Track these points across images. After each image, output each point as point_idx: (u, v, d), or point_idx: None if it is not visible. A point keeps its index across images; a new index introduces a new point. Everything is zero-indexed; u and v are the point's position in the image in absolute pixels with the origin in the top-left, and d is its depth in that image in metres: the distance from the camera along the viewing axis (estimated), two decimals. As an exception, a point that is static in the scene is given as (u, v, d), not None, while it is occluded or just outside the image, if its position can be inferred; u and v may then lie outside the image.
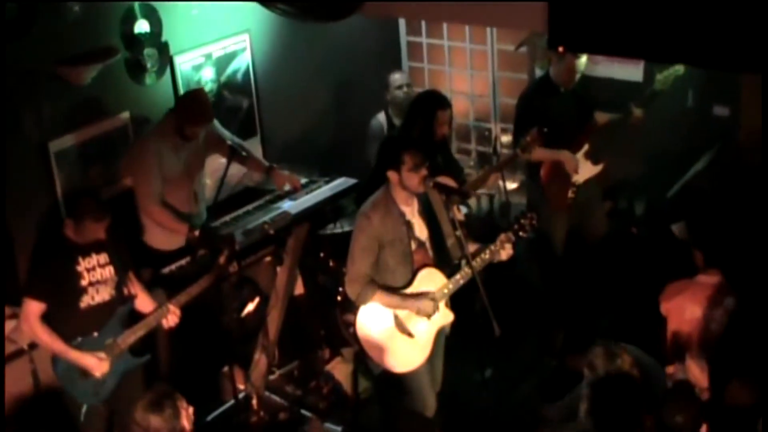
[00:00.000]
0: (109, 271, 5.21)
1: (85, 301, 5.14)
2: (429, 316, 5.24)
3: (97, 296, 5.17)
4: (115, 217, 5.18)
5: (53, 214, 5.88)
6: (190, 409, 4.28)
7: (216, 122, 6.30)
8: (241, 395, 6.16)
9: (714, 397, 4.57)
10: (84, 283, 5.12)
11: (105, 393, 5.23)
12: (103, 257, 5.19)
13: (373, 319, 5.29)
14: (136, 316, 5.35)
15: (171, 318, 5.32)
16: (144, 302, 5.41)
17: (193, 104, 5.96)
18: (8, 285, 5.63)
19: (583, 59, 6.50)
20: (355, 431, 6.10)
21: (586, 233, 6.94)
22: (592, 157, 6.76)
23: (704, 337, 5.02)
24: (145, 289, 5.49)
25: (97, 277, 5.16)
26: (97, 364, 5.14)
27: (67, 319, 5.12)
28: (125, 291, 5.31)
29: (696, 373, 4.65)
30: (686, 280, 5.20)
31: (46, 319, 5.07)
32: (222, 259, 5.38)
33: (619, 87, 7.32)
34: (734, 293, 5.01)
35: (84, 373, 5.15)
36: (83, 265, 5.11)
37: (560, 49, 5.24)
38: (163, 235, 5.97)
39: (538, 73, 7.66)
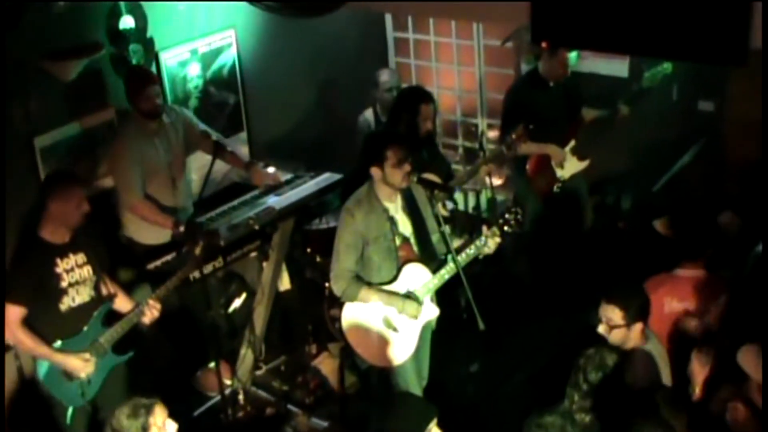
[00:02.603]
0: (87, 271, 5.19)
1: (66, 303, 5.11)
2: (413, 317, 5.26)
3: (77, 297, 5.14)
4: (92, 216, 5.15)
5: (39, 210, 5.86)
6: (171, 426, 4.23)
7: (195, 117, 6.30)
8: (227, 390, 6.16)
9: (707, 397, 4.53)
10: (64, 284, 5.09)
11: (91, 393, 5.21)
12: (81, 257, 5.16)
13: (359, 314, 5.30)
14: (115, 315, 5.32)
15: (151, 312, 5.29)
16: (122, 301, 5.39)
17: (131, 75, 6.02)
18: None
19: (575, 53, 6.51)
20: (341, 426, 6.11)
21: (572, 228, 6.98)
22: (579, 152, 6.79)
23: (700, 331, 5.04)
24: (121, 288, 5.47)
25: (76, 277, 5.13)
26: (83, 365, 5.11)
27: (49, 321, 5.08)
28: (104, 290, 5.29)
29: (696, 368, 4.62)
30: (665, 274, 5.22)
31: (27, 323, 5.02)
32: (197, 251, 5.33)
33: (605, 83, 7.33)
34: (723, 287, 5.02)
35: (68, 375, 5.12)
36: (62, 266, 5.08)
37: (544, 44, 5.26)
38: (148, 229, 5.96)
39: (525, 68, 7.66)
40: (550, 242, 6.96)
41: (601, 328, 4.67)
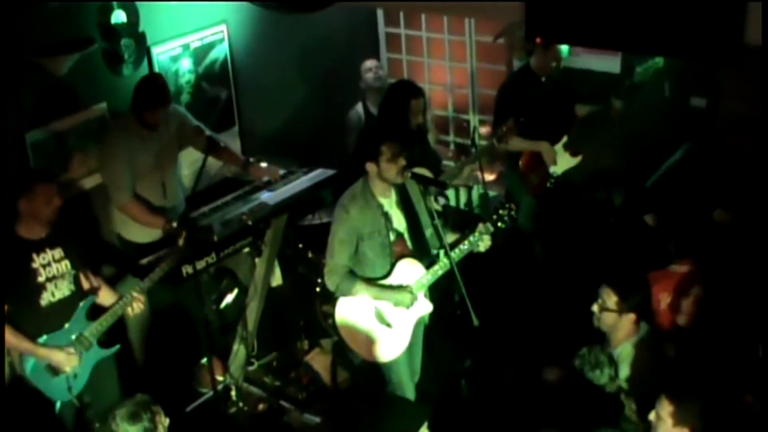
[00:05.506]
0: (65, 266, 5.16)
1: (46, 298, 5.09)
2: (406, 307, 5.26)
3: (57, 292, 5.12)
4: (71, 214, 5.15)
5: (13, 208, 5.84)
6: (166, 421, 4.20)
7: (189, 114, 6.26)
8: (220, 386, 6.16)
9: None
10: (41, 279, 5.07)
11: (78, 388, 5.19)
12: (58, 252, 5.14)
13: (352, 310, 5.30)
14: (100, 309, 5.30)
15: (136, 305, 5.28)
16: (107, 295, 5.37)
17: (147, 89, 5.85)
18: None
19: (566, 48, 6.52)
20: (334, 422, 6.11)
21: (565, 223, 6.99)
22: (571, 148, 6.79)
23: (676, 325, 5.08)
24: (105, 282, 5.45)
25: (53, 272, 5.11)
26: (67, 359, 5.09)
27: (31, 317, 5.07)
28: (86, 285, 5.28)
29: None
30: (659, 270, 5.24)
31: (10, 320, 4.99)
32: (180, 241, 5.31)
33: (597, 78, 7.34)
34: (705, 282, 5.05)
35: (54, 370, 5.10)
36: (38, 261, 5.06)
37: (538, 40, 5.25)
38: (138, 227, 5.93)
39: (517, 64, 7.67)
40: (543, 238, 6.97)
41: (595, 307, 4.74)
